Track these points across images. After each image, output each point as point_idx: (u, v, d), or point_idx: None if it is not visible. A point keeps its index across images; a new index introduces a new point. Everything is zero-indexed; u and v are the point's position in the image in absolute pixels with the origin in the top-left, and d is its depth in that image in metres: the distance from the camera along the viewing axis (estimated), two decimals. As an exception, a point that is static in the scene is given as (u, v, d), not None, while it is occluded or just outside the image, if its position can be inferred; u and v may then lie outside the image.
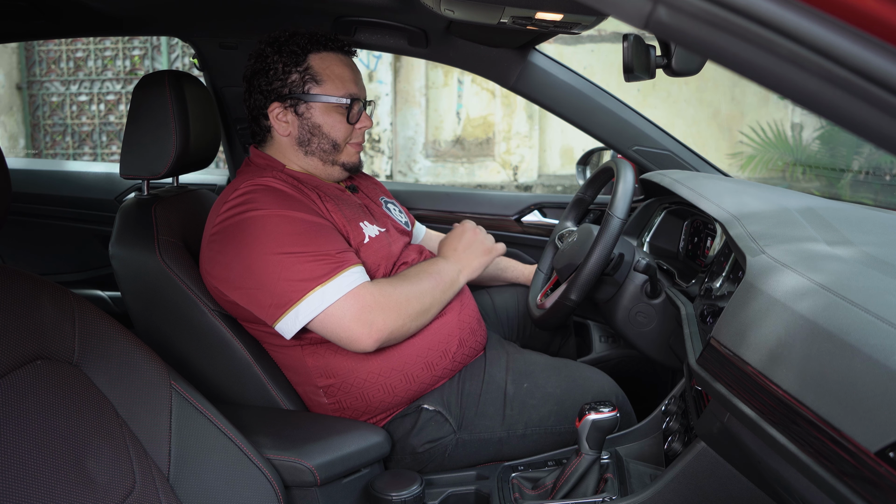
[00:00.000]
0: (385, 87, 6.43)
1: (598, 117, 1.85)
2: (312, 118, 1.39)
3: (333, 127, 1.40)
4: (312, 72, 1.37)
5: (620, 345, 1.84)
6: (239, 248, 1.25)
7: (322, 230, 1.27)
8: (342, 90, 1.39)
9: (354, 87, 1.41)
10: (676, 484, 1.02)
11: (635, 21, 0.48)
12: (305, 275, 1.22)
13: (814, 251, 0.97)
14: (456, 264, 1.42)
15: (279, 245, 1.23)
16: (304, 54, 1.38)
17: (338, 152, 1.42)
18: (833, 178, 5.48)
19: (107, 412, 0.93)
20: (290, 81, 1.37)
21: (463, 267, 1.42)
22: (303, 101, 1.38)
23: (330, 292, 1.21)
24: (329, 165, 1.43)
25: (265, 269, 1.23)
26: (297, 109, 1.39)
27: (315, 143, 1.40)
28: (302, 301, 1.21)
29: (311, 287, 1.21)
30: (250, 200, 1.27)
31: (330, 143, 1.40)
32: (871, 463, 0.62)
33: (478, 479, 1.30)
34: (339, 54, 1.42)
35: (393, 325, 1.25)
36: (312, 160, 1.42)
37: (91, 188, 2.36)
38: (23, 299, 0.89)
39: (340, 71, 1.40)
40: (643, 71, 1.14)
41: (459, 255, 1.44)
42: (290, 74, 1.37)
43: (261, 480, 1.06)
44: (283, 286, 1.22)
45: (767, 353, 0.81)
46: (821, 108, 0.45)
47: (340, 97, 1.38)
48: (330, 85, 1.38)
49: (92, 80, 6.87)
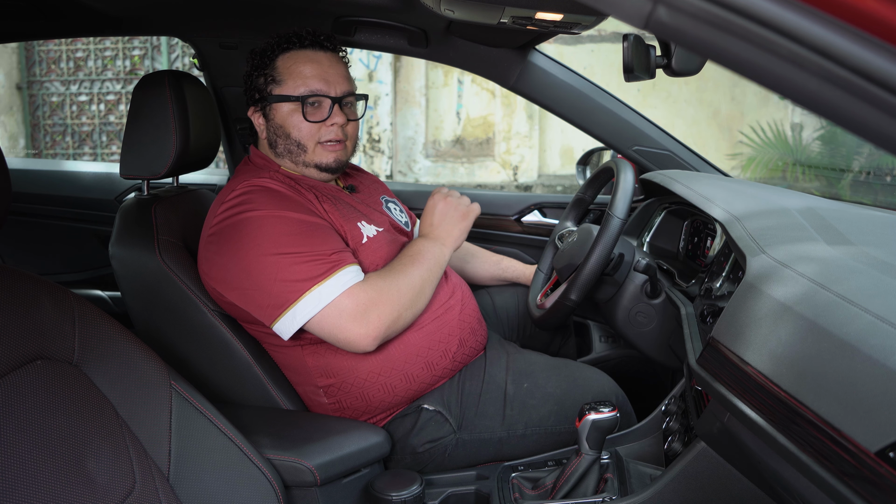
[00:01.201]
0: (385, 87, 6.43)
1: (598, 117, 1.85)
2: (275, 119, 1.39)
3: (295, 126, 1.37)
4: (275, 73, 1.38)
5: (620, 345, 1.84)
6: (235, 249, 1.25)
7: (318, 230, 1.27)
8: (301, 87, 1.36)
9: (318, 83, 1.36)
10: (676, 484, 1.02)
11: (635, 21, 0.48)
12: (301, 275, 1.21)
13: (814, 251, 0.97)
14: (436, 240, 1.40)
15: (275, 246, 1.23)
16: (273, 57, 1.39)
17: (304, 152, 1.38)
18: (833, 179, 5.48)
19: (107, 412, 0.93)
20: (257, 85, 1.40)
21: (444, 240, 1.40)
22: (268, 103, 1.39)
23: (326, 292, 1.21)
24: (302, 167, 1.40)
25: (261, 271, 1.23)
26: (266, 111, 1.40)
27: (282, 145, 1.39)
28: (298, 302, 1.21)
29: (308, 287, 1.21)
30: (247, 201, 1.27)
31: (294, 144, 1.38)
32: (871, 463, 0.62)
33: (478, 479, 1.30)
34: (311, 51, 1.39)
35: (389, 319, 1.25)
36: (285, 161, 1.41)
37: (91, 188, 2.36)
38: (23, 299, 0.89)
39: (304, 68, 1.37)
40: (643, 71, 1.14)
41: (436, 229, 1.42)
42: (258, 78, 1.40)
43: (261, 480, 1.06)
44: (280, 287, 1.22)
45: (767, 352, 0.81)
46: (821, 108, 0.45)
47: (298, 94, 1.36)
48: (289, 83, 1.37)
49: (92, 80, 6.87)
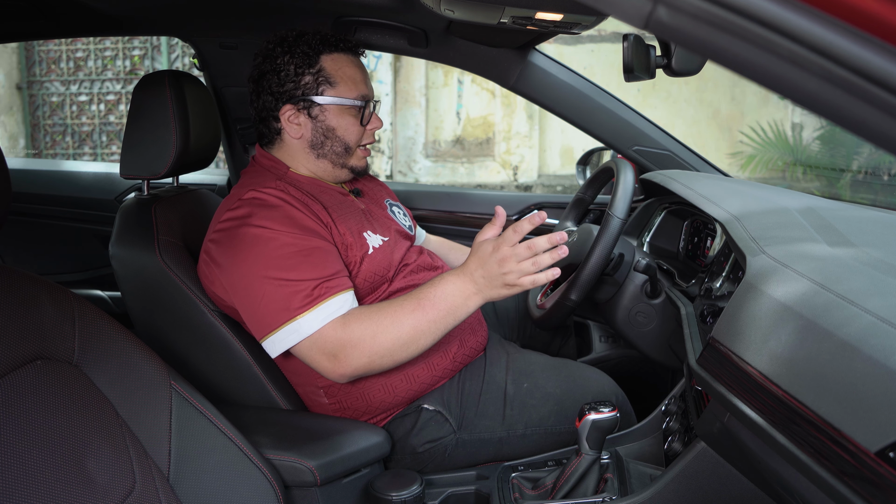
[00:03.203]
0: (385, 87, 6.43)
1: (598, 117, 1.85)
2: (327, 121, 1.38)
3: (347, 129, 1.39)
4: (326, 73, 1.36)
5: (620, 345, 1.84)
6: (231, 261, 1.26)
7: (312, 254, 1.24)
8: (355, 92, 1.38)
9: (365, 88, 1.40)
10: (676, 484, 1.02)
11: (635, 21, 0.48)
12: (283, 304, 1.20)
13: (814, 251, 0.97)
14: (470, 286, 1.20)
15: (265, 268, 1.22)
16: (317, 55, 1.35)
17: (349, 155, 1.41)
18: (833, 178, 5.48)
19: (107, 412, 0.93)
20: (303, 83, 1.35)
21: (478, 290, 1.20)
22: (317, 104, 1.37)
23: (306, 325, 1.19)
24: (338, 168, 1.42)
25: (250, 291, 1.23)
26: (311, 112, 1.37)
27: (328, 146, 1.39)
28: (278, 331, 1.21)
29: (287, 318, 1.20)
30: (249, 214, 1.26)
31: (342, 146, 1.39)
32: (871, 463, 0.62)
33: (478, 479, 1.30)
34: (349, 55, 1.40)
35: (358, 364, 1.20)
36: (323, 163, 1.41)
37: (91, 188, 2.36)
38: (23, 299, 0.89)
39: (352, 72, 1.39)
40: (643, 71, 1.14)
41: (476, 279, 1.19)
42: (302, 76, 1.35)
43: (261, 480, 1.06)
44: (264, 311, 1.22)
45: (767, 352, 0.81)
46: (821, 108, 0.45)
47: (354, 99, 1.38)
48: (343, 87, 1.37)
49: (92, 80, 6.87)
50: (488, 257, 1.17)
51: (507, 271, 1.15)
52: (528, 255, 1.15)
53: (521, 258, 1.15)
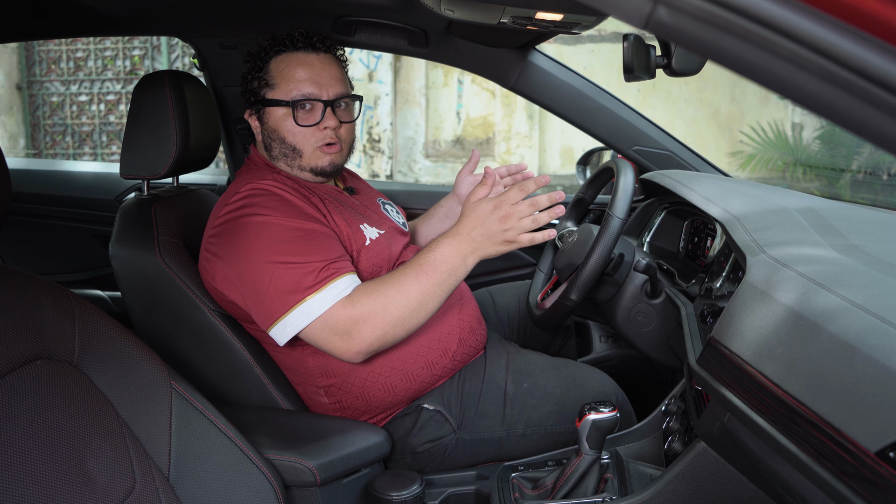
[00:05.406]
0: (385, 87, 6.43)
1: (598, 117, 1.85)
2: (269, 123, 1.38)
3: (288, 131, 1.36)
4: (268, 76, 1.37)
5: (620, 345, 1.84)
6: (234, 252, 1.26)
7: (315, 238, 1.25)
8: (294, 91, 1.35)
9: (310, 86, 1.35)
10: (676, 484, 1.02)
11: (635, 21, 0.48)
12: (293, 286, 1.20)
13: (814, 251, 0.97)
14: (466, 245, 1.22)
15: (270, 253, 1.22)
16: (266, 59, 1.38)
17: (300, 157, 1.37)
18: (833, 178, 5.48)
19: (107, 412, 0.93)
20: (251, 87, 1.39)
21: (475, 249, 1.22)
22: (261, 107, 1.38)
23: (316, 305, 1.20)
24: (297, 170, 1.39)
25: (257, 278, 1.23)
26: (260, 115, 1.40)
27: (277, 149, 1.39)
28: (289, 313, 1.21)
29: (298, 300, 1.20)
30: (249, 204, 1.27)
31: (289, 148, 1.37)
32: (871, 463, 0.62)
33: (478, 479, 1.30)
34: (304, 53, 1.37)
35: (372, 337, 1.20)
36: (282, 164, 1.40)
37: (91, 188, 2.36)
38: (23, 299, 0.89)
39: (296, 71, 1.36)
40: (643, 71, 1.14)
41: (474, 237, 1.21)
42: (252, 80, 1.39)
43: (261, 480, 1.06)
44: (273, 296, 1.22)
45: (767, 353, 0.81)
46: (821, 108, 0.45)
47: (291, 99, 1.34)
48: (282, 87, 1.36)
49: (92, 80, 6.87)
50: (489, 215, 1.20)
51: (508, 227, 1.19)
52: (530, 211, 1.18)
53: (523, 215, 1.18)
